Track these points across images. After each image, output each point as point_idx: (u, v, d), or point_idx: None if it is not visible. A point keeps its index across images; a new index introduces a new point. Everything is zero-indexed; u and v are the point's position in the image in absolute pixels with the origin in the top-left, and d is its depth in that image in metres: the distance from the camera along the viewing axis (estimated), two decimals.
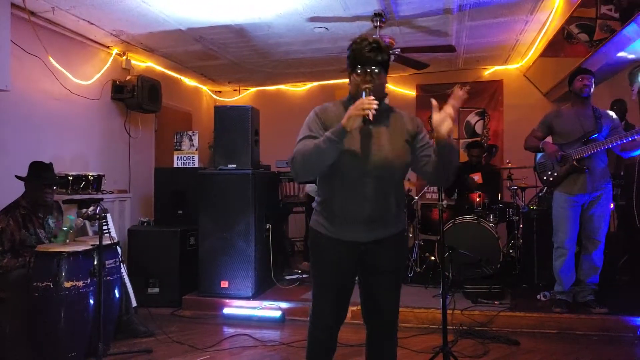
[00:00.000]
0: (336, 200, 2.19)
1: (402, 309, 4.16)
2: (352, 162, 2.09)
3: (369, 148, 2.12)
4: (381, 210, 2.17)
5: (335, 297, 2.28)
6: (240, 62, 6.53)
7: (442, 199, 3.33)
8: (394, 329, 2.35)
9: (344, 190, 2.15)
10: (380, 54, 2.10)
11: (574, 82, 4.05)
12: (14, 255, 3.49)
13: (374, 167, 2.10)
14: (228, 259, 4.67)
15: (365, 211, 2.14)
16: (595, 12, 4.59)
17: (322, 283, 2.30)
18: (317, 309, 2.32)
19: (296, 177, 2.17)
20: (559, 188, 4.09)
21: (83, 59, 5.28)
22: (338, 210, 2.18)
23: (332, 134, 1.98)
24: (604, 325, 3.92)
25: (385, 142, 2.14)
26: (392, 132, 2.18)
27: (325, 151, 1.99)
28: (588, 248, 4.06)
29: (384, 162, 2.11)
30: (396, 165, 2.15)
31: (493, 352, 3.57)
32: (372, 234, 2.18)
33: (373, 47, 2.10)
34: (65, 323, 3.20)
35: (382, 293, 2.28)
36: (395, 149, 2.15)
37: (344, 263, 2.23)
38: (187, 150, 5.37)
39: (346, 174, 2.12)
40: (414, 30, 5.28)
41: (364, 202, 2.13)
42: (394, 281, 2.31)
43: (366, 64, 2.09)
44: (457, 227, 5.05)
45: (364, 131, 2.10)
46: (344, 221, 2.18)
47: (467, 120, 7.47)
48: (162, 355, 3.61)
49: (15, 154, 4.26)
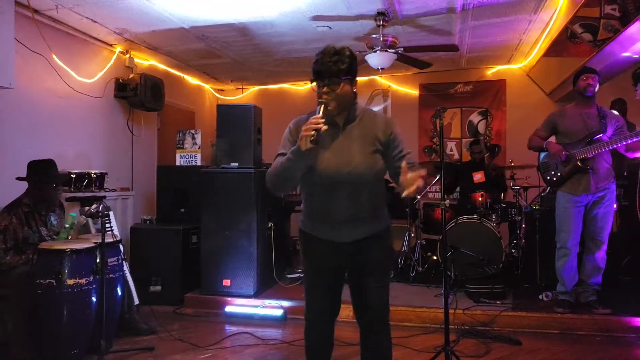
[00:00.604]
0: (313, 204, 2.31)
1: (404, 308, 4.25)
2: (324, 172, 2.17)
3: (340, 159, 2.17)
4: (355, 214, 2.23)
5: (322, 292, 2.37)
6: (243, 61, 6.53)
7: (444, 199, 3.32)
8: (385, 324, 2.39)
9: (319, 195, 2.25)
10: (338, 63, 2.11)
11: (578, 81, 4.03)
12: (17, 253, 3.50)
13: (345, 177, 2.16)
14: (230, 257, 4.68)
15: (340, 215, 2.22)
16: (599, 11, 4.57)
17: (309, 278, 2.42)
18: (308, 302, 2.43)
19: (272, 191, 2.31)
20: (563, 188, 4.08)
21: (86, 57, 5.28)
22: (315, 212, 2.31)
23: (291, 154, 2.10)
24: (606, 326, 3.92)
25: (356, 152, 2.19)
26: (362, 141, 2.21)
27: (290, 169, 2.13)
28: (591, 248, 4.05)
29: (354, 172, 2.17)
30: (366, 175, 2.20)
31: (495, 351, 3.57)
32: (350, 235, 2.26)
33: (333, 57, 2.12)
34: (67, 320, 3.21)
35: (368, 291, 2.33)
36: (365, 160, 2.19)
37: (327, 259, 2.33)
38: (189, 148, 5.38)
39: (319, 183, 2.21)
40: (417, 29, 5.28)
41: (338, 208, 2.21)
42: (380, 279, 2.35)
43: (325, 75, 2.12)
44: (460, 227, 5.05)
45: (334, 142, 2.19)
46: (322, 222, 2.29)
47: (470, 120, 7.45)
48: (164, 353, 3.62)
49: (19, 152, 4.26)
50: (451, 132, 7.52)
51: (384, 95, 7.78)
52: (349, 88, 2.17)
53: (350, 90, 2.19)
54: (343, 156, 2.18)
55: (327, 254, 2.32)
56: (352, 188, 2.19)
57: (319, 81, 2.14)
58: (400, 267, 5.53)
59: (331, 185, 2.19)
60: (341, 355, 3.38)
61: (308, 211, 2.35)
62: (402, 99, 7.70)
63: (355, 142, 2.20)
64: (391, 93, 7.77)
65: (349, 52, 2.19)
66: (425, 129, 7.64)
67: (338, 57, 2.13)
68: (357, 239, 2.27)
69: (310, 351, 2.48)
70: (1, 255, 3.43)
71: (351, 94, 2.20)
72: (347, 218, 2.22)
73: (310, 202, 2.33)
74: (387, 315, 2.38)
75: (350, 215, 2.22)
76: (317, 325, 2.44)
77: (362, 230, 2.27)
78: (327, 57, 2.13)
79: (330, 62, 2.11)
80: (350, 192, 2.19)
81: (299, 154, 2.07)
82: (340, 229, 2.25)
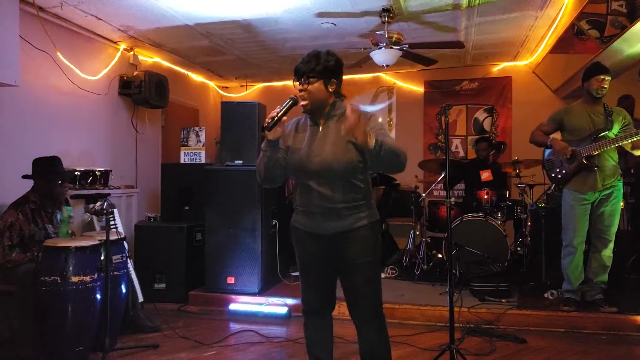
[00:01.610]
0: (297, 197, 2.49)
1: (409, 306, 4.25)
2: (298, 164, 2.38)
3: (311, 151, 2.37)
4: (329, 206, 2.36)
5: (313, 284, 2.52)
6: (248, 58, 6.52)
7: (449, 196, 3.30)
8: (375, 317, 2.48)
9: (299, 187, 2.46)
10: (310, 64, 2.34)
11: (591, 80, 3.92)
12: (22, 250, 3.50)
13: (314, 168, 2.34)
14: (234, 255, 4.68)
15: (314, 206, 2.38)
16: (606, 7, 4.54)
17: (302, 272, 2.56)
18: (303, 294, 2.57)
19: (261, 182, 2.50)
20: (569, 186, 4.05)
21: (91, 55, 5.28)
22: (299, 204, 2.49)
23: (263, 144, 2.37)
24: (612, 325, 3.89)
25: (328, 144, 2.35)
26: (337, 134, 2.36)
27: (265, 158, 2.38)
28: (597, 246, 4.02)
29: (322, 164, 2.32)
30: (334, 165, 2.32)
31: (500, 350, 3.55)
32: (330, 226, 2.38)
33: (309, 59, 2.36)
34: (72, 318, 3.21)
35: (356, 284, 2.44)
36: (336, 152, 2.33)
37: (314, 252, 2.46)
38: (194, 146, 5.37)
39: (296, 175, 2.43)
40: (423, 26, 5.25)
41: (312, 199, 2.38)
42: (367, 272, 2.44)
43: (299, 74, 2.38)
44: (465, 225, 5.03)
45: (312, 137, 2.40)
46: (304, 215, 2.46)
47: (476, 117, 7.42)
48: (169, 350, 3.62)
49: (23, 149, 4.27)
50: (456, 129, 7.49)
51: (389, 92, 7.76)
52: (322, 87, 2.36)
53: (324, 90, 2.37)
54: (315, 149, 2.37)
55: (312, 246, 2.46)
56: (323, 179, 2.34)
57: (295, 79, 2.41)
58: (405, 265, 5.53)
59: (305, 177, 2.37)
60: (344, 352, 3.37)
61: (296, 205, 2.53)
62: (407, 96, 7.67)
63: (329, 136, 2.38)
64: (396, 90, 7.74)
65: (328, 56, 2.38)
66: (431, 126, 7.61)
67: (314, 59, 2.35)
68: (337, 232, 2.38)
69: (309, 344, 2.59)
70: (7, 252, 3.44)
71: (324, 93, 2.37)
72: (321, 210, 2.37)
73: (296, 196, 2.51)
74: (377, 308, 2.48)
75: (324, 206, 2.36)
76: (312, 317, 2.57)
77: (341, 223, 2.38)
78: (306, 58, 2.37)
79: (303, 63, 2.36)
80: (321, 184, 2.34)
81: (267, 143, 2.32)
82: (317, 221, 2.40)
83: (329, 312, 2.57)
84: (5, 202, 3.74)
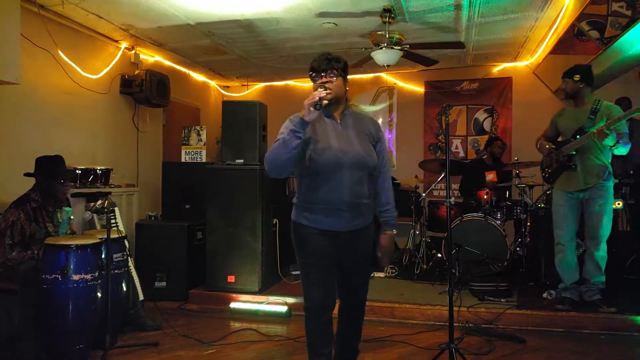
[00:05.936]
0: (318, 193, 2.46)
1: (408, 305, 4.27)
2: (330, 157, 2.41)
3: (343, 144, 2.45)
4: (359, 199, 2.46)
5: (320, 282, 2.55)
6: (249, 57, 6.52)
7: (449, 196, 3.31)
8: (364, 304, 2.74)
9: (324, 182, 2.43)
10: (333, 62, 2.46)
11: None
12: (24, 248, 3.51)
13: (349, 160, 2.42)
14: (235, 253, 4.69)
15: (345, 199, 2.42)
16: (606, 9, 4.55)
17: (307, 269, 2.57)
18: (307, 293, 2.58)
19: (267, 170, 2.46)
20: (557, 185, 4.15)
21: (92, 53, 5.29)
22: (320, 201, 2.46)
23: (294, 126, 2.31)
24: (611, 325, 3.90)
25: (355, 140, 2.49)
26: (358, 133, 2.53)
27: (289, 141, 2.31)
28: (589, 247, 4.05)
29: (358, 155, 2.44)
30: (367, 161, 2.48)
31: (499, 349, 3.56)
32: (351, 224, 2.48)
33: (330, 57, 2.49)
34: (73, 315, 3.22)
35: (356, 277, 2.64)
36: (365, 147, 2.50)
37: (326, 250, 2.50)
38: (195, 145, 5.38)
39: (325, 168, 2.42)
40: (423, 26, 5.25)
41: (343, 191, 2.42)
42: (366, 266, 2.70)
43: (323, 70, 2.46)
44: (465, 225, 5.04)
45: (335, 131, 2.48)
46: (325, 211, 2.46)
47: (476, 117, 7.43)
48: (169, 348, 3.63)
49: (24, 147, 4.28)
50: (457, 129, 7.50)
51: (390, 93, 7.77)
52: (342, 84, 2.50)
53: (343, 87, 2.52)
54: (345, 142, 2.46)
55: (326, 245, 2.49)
56: (356, 172, 2.43)
57: (317, 75, 2.47)
58: (405, 265, 5.53)
59: (335, 168, 2.40)
60: None
61: (309, 202, 2.51)
62: (408, 96, 7.68)
63: (352, 132, 2.51)
64: (397, 90, 7.75)
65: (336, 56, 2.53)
66: (431, 126, 7.62)
67: (334, 58, 2.48)
68: (352, 230, 2.50)
69: (311, 342, 2.61)
70: (8, 250, 3.45)
71: (343, 89, 2.53)
72: (349, 203, 2.43)
73: (311, 192, 2.48)
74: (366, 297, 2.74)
75: (352, 199, 2.43)
76: (315, 314, 2.59)
77: (358, 221, 2.51)
78: (323, 56, 2.48)
79: (323, 61, 2.46)
80: (353, 175, 2.42)
81: (303, 124, 2.29)
82: (341, 216, 2.45)
83: (330, 309, 2.60)
84: (5, 201, 3.75)
